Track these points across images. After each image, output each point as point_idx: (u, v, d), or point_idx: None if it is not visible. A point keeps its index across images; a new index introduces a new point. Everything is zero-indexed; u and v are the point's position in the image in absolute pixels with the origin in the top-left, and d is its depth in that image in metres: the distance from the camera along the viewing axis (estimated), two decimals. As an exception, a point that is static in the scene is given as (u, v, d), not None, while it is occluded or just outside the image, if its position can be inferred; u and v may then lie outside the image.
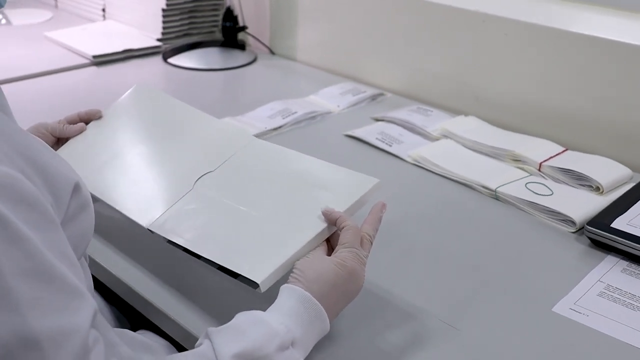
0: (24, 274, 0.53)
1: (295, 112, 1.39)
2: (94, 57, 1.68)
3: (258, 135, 1.31)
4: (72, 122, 1.03)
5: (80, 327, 0.57)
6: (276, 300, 0.71)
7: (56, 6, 2.18)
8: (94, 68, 1.68)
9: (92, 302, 0.60)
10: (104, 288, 0.95)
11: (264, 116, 1.38)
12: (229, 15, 1.78)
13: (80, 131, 1.01)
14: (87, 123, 1.04)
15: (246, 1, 1.83)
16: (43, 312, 0.54)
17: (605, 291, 0.88)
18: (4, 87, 1.51)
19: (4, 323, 0.52)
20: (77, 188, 0.65)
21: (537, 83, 1.33)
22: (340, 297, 0.73)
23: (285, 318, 0.68)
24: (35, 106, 1.45)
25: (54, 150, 0.71)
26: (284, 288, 0.72)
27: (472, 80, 1.44)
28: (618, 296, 0.87)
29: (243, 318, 0.69)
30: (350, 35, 1.66)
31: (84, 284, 0.60)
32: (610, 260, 0.95)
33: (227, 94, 1.66)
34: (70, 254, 0.60)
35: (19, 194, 0.55)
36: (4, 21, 2.00)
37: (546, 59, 1.31)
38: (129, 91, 1.11)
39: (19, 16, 2.04)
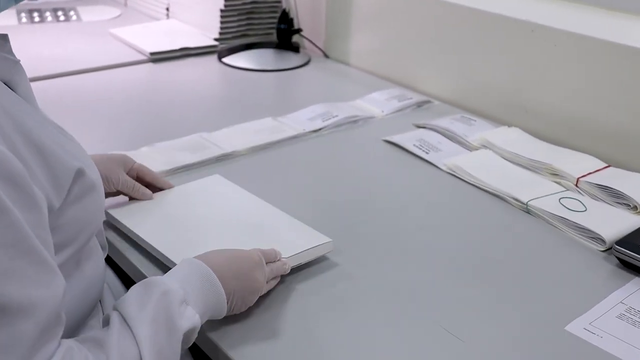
0: (1, 244, 0.55)
1: (336, 116, 1.40)
2: (151, 54, 1.73)
3: (296, 137, 1.33)
4: (143, 177, 1.03)
5: (51, 301, 0.58)
6: (175, 269, 0.75)
7: (125, 4, 2.26)
8: (150, 65, 1.73)
9: (62, 281, 0.61)
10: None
11: (304, 118, 1.39)
12: (284, 18, 1.80)
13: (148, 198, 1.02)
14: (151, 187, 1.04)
15: (302, 4, 1.85)
16: (16, 281, 0.56)
17: (626, 314, 0.85)
18: (65, 79, 1.59)
19: None
20: (80, 173, 0.68)
21: (586, 96, 1.29)
22: (235, 274, 0.77)
23: (175, 281, 0.72)
24: (91, 99, 1.51)
25: (64, 138, 0.73)
26: (182, 259, 0.77)
27: (520, 91, 1.41)
28: (638, 320, 0.84)
29: (141, 284, 0.70)
30: (403, 42, 1.65)
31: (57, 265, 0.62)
32: (637, 283, 0.91)
33: (276, 95, 1.68)
34: (47, 238, 0.62)
35: (7, 171, 0.57)
36: (74, 17, 2.09)
37: (595, 71, 1.26)
38: (205, 178, 1.11)
39: (89, 13, 2.13)
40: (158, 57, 1.74)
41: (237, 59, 1.77)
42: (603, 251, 0.99)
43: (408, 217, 1.07)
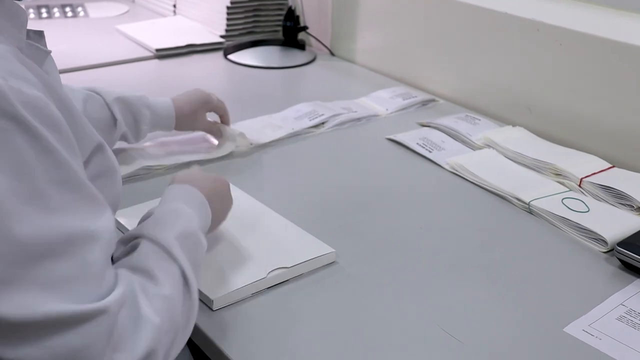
0: (54, 182, 0.58)
1: (322, 115, 1.38)
2: (157, 50, 1.73)
3: (299, 134, 1.32)
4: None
5: (107, 230, 0.62)
6: (172, 194, 0.81)
7: (133, 1, 2.26)
8: (156, 61, 1.74)
9: (112, 214, 0.64)
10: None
11: (291, 117, 1.37)
12: (290, 15, 1.80)
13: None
14: None
15: (309, 2, 1.85)
16: (75, 214, 0.59)
17: (626, 315, 0.84)
18: (72, 74, 1.60)
19: (41, 224, 0.56)
20: (100, 148, 0.71)
21: (591, 96, 1.28)
22: (213, 192, 0.86)
23: (188, 207, 0.79)
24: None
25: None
26: (174, 186, 0.83)
27: (525, 91, 1.40)
28: (639, 322, 0.83)
29: (161, 211, 0.77)
30: (408, 40, 1.65)
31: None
32: (638, 284, 0.91)
33: (281, 92, 1.68)
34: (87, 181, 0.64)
35: (49, 116, 0.59)
36: (82, 13, 2.09)
37: (601, 71, 1.26)
38: None
39: (96, 9, 2.14)
40: (164, 54, 1.75)
41: (243, 56, 1.77)
42: (605, 252, 0.98)
43: (409, 216, 1.07)
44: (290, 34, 1.82)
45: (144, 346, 0.60)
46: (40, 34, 0.75)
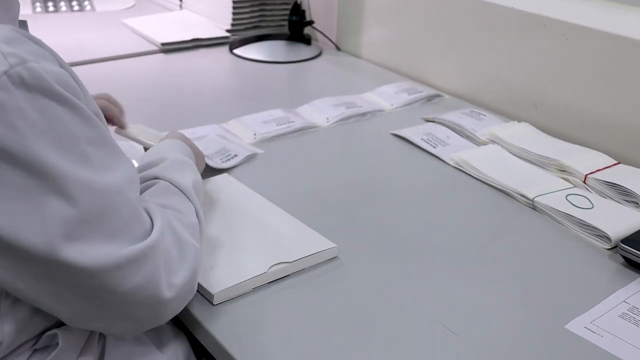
0: (94, 143, 0.66)
1: (293, 122, 1.34)
2: (162, 44, 1.73)
3: (303, 129, 1.32)
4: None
5: (134, 171, 0.71)
6: (173, 148, 0.91)
7: (140, -6, 2.26)
8: (162, 55, 1.74)
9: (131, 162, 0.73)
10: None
11: (260, 120, 1.33)
12: (296, 10, 1.79)
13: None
14: None
15: (315, -4, 1.84)
16: (114, 166, 0.67)
17: (628, 313, 0.84)
18: (77, 68, 1.60)
19: (92, 180, 0.64)
20: (99, 115, 0.72)
21: (597, 92, 1.27)
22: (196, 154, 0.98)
23: (192, 160, 0.91)
24: (102, 88, 1.50)
25: None
26: (171, 141, 0.94)
27: (531, 87, 1.39)
28: (641, 319, 0.83)
29: (174, 160, 0.86)
30: (415, 35, 1.64)
31: None
32: (641, 282, 0.90)
33: (287, 87, 1.67)
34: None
35: (73, 87, 0.66)
36: (88, 7, 2.09)
37: (608, 66, 1.25)
38: (214, 177, 1.10)
39: (103, 3, 2.14)
40: (170, 48, 1.75)
41: (249, 51, 1.77)
42: (608, 249, 0.97)
43: (411, 211, 1.06)
44: (296, 28, 1.81)
45: (191, 267, 0.72)
46: (24, 24, 0.76)
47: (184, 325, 0.86)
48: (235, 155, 1.18)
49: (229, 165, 1.15)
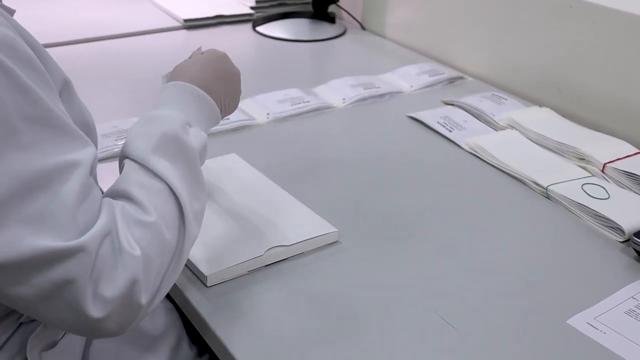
0: (29, 119, 0.57)
1: (308, 102, 1.31)
2: (185, 20, 1.72)
3: (319, 109, 1.30)
4: None
5: (84, 161, 0.61)
6: (157, 99, 0.77)
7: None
8: (184, 31, 1.73)
9: (93, 148, 0.63)
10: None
11: (274, 100, 1.31)
12: (320, -13, 1.77)
13: None
14: None
15: (340, -26, 1.81)
16: (50, 150, 0.58)
17: (635, 310, 0.80)
18: (99, 43, 1.60)
19: (15, 160, 0.56)
20: (67, 84, 0.69)
21: (625, 77, 1.22)
22: (216, 78, 0.82)
23: (170, 107, 0.74)
24: (124, 64, 1.52)
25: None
26: (162, 88, 0.79)
27: (555, 71, 1.35)
28: (648, 317, 0.79)
29: (139, 123, 0.72)
30: (439, 16, 1.60)
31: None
32: (653, 277, 0.87)
33: (309, 66, 1.65)
34: (69, 118, 0.63)
35: (21, 53, 0.58)
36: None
37: (636, 50, 1.19)
38: (222, 157, 1.09)
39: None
40: (192, 24, 1.73)
41: (272, 28, 1.75)
42: (622, 242, 0.94)
43: (421, 197, 1.04)
44: (321, 6, 1.78)
45: (125, 277, 0.60)
46: None
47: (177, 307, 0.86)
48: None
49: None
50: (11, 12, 0.70)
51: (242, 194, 0.98)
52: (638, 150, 1.12)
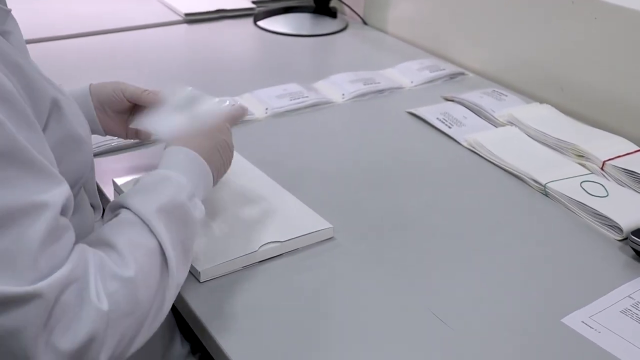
0: None
1: (307, 97, 1.31)
2: (186, 15, 1.72)
3: (317, 105, 1.29)
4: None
5: (53, 203, 0.57)
6: (165, 160, 0.77)
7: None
8: (185, 26, 1.72)
9: (66, 188, 0.60)
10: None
11: (273, 95, 1.31)
12: (323, -18, 1.76)
13: (158, 100, 0.94)
14: None
15: (342, -32, 1.80)
16: (16, 188, 0.55)
17: (631, 309, 0.80)
18: (100, 37, 1.60)
19: None
20: (56, 105, 0.67)
21: (627, 74, 1.21)
22: (214, 149, 0.82)
23: (181, 173, 0.74)
24: (124, 58, 1.51)
25: (37, 68, 0.72)
26: (168, 150, 0.78)
27: (557, 68, 1.34)
28: (644, 316, 0.79)
29: (149, 179, 0.72)
30: (441, 11, 1.59)
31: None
32: (650, 276, 0.86)
33: (309, 61, 1.64)
34: (49, 154, 0.61)
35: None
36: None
37: (638, 47, 1.18)
38: None
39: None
40: (193, 19, 1.73)
41: (273, 23, 1.74)
42: (620, 240, 0.93)
43: (418, 194, 1.03)
44: (322, 1, 1.78)
45: (85, 331, 0.56)
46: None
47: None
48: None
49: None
50: (6, 12, 0.69)
51: (238, 189, 0.97)
52: (638, 148, 1.11)
